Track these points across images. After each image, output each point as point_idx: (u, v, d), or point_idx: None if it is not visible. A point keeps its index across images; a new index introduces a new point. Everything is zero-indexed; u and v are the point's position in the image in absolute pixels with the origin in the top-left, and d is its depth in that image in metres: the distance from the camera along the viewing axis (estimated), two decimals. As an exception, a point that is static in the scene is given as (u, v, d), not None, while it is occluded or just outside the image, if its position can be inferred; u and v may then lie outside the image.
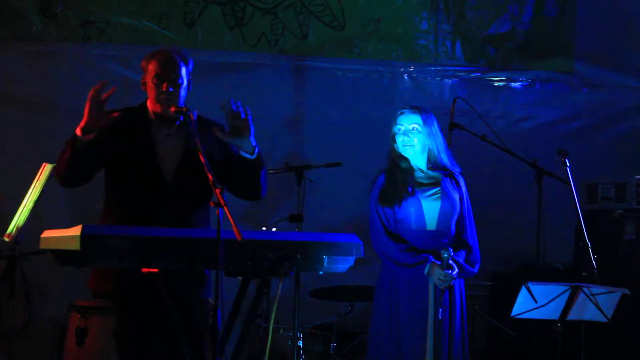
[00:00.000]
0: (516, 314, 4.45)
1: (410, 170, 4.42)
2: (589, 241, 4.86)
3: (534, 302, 4.41)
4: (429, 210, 4.34)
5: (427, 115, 4.44)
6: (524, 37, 6.91)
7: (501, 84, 6.93)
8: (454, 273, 4.22)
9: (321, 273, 3.65)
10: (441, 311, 4.22)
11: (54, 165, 3.88)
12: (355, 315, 5.46)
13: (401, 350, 4.29)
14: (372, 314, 4.43)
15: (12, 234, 4.81)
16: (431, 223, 4.34)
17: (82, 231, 3.15)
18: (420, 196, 4.35)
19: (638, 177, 6.01)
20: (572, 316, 4.51)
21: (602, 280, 4.72)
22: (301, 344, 5.30)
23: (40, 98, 6.11)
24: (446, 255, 4.17)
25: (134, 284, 3.54)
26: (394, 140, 4.45)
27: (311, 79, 6.59)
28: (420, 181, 4.41)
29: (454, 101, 5.16)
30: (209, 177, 3.30)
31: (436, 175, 4.45)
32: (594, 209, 6.14)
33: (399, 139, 4.42)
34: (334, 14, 6.57)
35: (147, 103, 3.87)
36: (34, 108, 6.09)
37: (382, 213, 4.35)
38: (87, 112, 3.55)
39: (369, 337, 4.45)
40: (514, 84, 6.96)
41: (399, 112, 4.47)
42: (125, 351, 3.76)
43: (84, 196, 5.05)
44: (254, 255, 3.40)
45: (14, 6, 6.04)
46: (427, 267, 4.25)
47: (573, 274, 5.77)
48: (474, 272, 4.40)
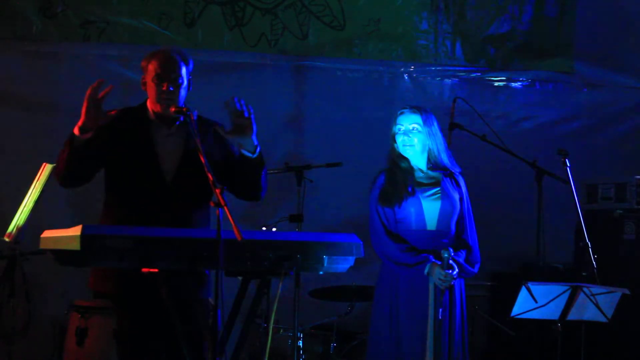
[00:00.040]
0: (516, 314, 4.45)
1: (410, 170, 4.42)
2: (589, 241, 4.86)
3: (534, 302, 4.41)
4: (429, 210, 4.34)
5: (427, 115, 4.44)
6: (524, 37, 6.91)
7: (501, 84, 6.93)
8: (454, 273, 4.23)
9: (321, 273, 3.65)
10: (441, 311, 4.22)
11: (54, 165, 3.88)
12: (355, 315, 5.45)
13: (401, 350, 4.29)
14: (372, 314, 4.43)
15: (12, 233, 4.81)
16: (431, 223, 4.34)
17: (82, 231, 3.15)
18: (420, 196, 4.35)
19: (638, 177, 6.00)
20: (572, 316, 4.51)
21: (602, 280, 4.72)
22: (301, 344, 5.29)
23: (40, 98, 6.11)
24: (446, 255, 4.17)
25: (134, 284, 3.54)
26: (394, 140, 4.45)
27: (311, 79, 6.59)
28: (420, 181, 4.41)
29: (454, 101, 5.16)
30: (209, 177, 3.30)
31: (436, 175, 4.44)
32: (594, 209, 6.14)
33: (399, 139, 4.42)
34: (334, 14, 6.57)
35: (147, 103, 3.87)
36: (34, 108, 6.08)
37: (382, 213, 4.35)
38: (84, 111, 3.56)
39: (369, 337, 4.45)
40: (514, 84, 6.95)
41: (399, 112, 4.47)
42: (125, 351, 3.76)
43: (84, 196, 5.04)
44: (254, 255, 3.40)
45: (14, 6, 6.03)
46: (427, 267, 4.25)
47: (573, 274, 5.77)
48: (474, 272, 4.40)
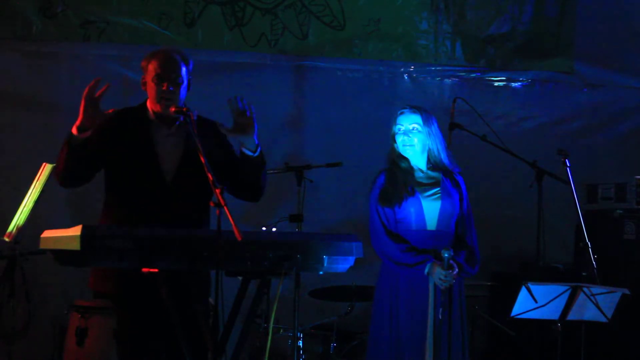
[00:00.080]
0: (516, 314, 4.45)
1: (410, 170, 4.42)
2: (589, 241, 4.86)
3: (534, 302, 4.40)
4: (429, 210, 4.34)
5: (427, 115, 4.44)
6: (524, 37, 6.90)
7: (501, 84, 6.93)
8: (455, 273, 4.22)
9: (321, 273, 3.65)
10: (441, 311, 4.21)
11: (54, 165, 3.89)
12: (355, 315, 5.45)
13: (401, 350, 4.28)
14: (372, 314, 4.43)
15: (12, 233, 4.82)
16: (431, 223, 4.34)
17: (82, 231, 3.15)
18: (420, 196, 4.34)
19: (638, 177, 6.00)
20: (572, 316, 4.51)
21: (602, 280, 4.72)
22: (301, 344, 5.29)
23: (40, 98, 6.10)
24: (447, 255, 4.17)
25: (134, 284, 3.54)
26: (394, 140, 4.45)
27: (311, 79, 6.58)
28: (420, 181, 4.41)
29: (454, 101, 5.15)
30: (209, 177, 3.30)
31: (436, 175, 4.44)
32: (594, 209, 6.13)
33: (399, 139, 4.42)
34: (334, 14, 6.56)
35: (147, 103, 3.87)
36: (34, 108, 6.08)
37: (382, 213, 4.35)
38: (82, 110, 3.56)
39: (369, 337, 4.45)
40: (514, 84, 6.95)
41: (399, 112, 4.47)
42: (125, 351, 3.76)
43: (84, 196, 5.06)
44: (254, 255, 3.40)
45: (14, 6, 6.03)
46: (427, 267, 4.25)
47: (573, 274, 5.77)
48: (474, 272, 4.39)
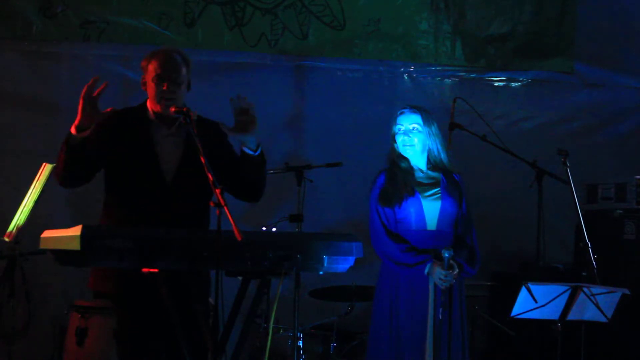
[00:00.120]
0: (516, 314, 4.45)
1: (411, 170, 4.42)
2: (589, 241, 4.86)
3: (534, 302, 4.40)
4: (429, 210, 4.34)
5: (427, 116, 4.44)
6: (524, 37, 6.90)
7: (501, 84, 6.92)
8: (455, 273, 4.22)
9: (321, 273, 3.65)
10: (441, 311, 4.21)
11: (54, 165, 3.89)
12: (355, 315, 5.45)
13: (401, 350, 4.28)
14: (372, 314, 4.43)
15: (12, 233, 4.82)
16: (431, 223, 4.34)
17: (82, 231, 3.15)
18: (420, 196, 4.35)
19: (638, 177, 6.00)
20: (572, 316, 4.51)
21: (602, 280, 4.71)
22: (301, 344, 5.29)
23: (40, 98, 6.10)
24: (447, 255, 4.17)
25: (134, 284, 3.54)
26: (394, 140, 4.45)
27: (311, 79, 6.58)
28: (421, 181, 4.41)
29: (454, 101, 5.15)
30: (209, 177, 3.30)
31: (436, 175, 4.44)
32: (594, 209, 6.13)
33: (399, 139, 4.42)
34: (334, 14, 6.56)
35: (147, 103, 3.87)
36: (34, 108, 6.08)
37: (383, 213, 4.35)
38: (80, 110, 3.56)
39: (369, 337, 4.45)
40: (514, 84, 6.95)
41: (399, 112, 4.47)
42: (125, 351, 3.76)
43: (84, 196, 5.04)
44: (254, 255, 3.40)
45: (14, 6, 6.03)
46: (427, 267, 4.25)
47: (573, 274, 5.76)
48: (474, 272, 4.40)
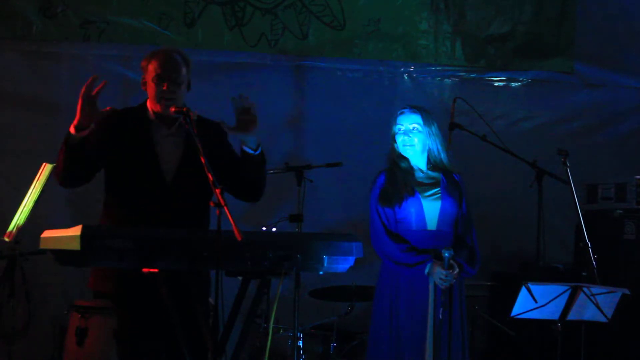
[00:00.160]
0: (516, 314, 4.45)
1: (411, 170, 4.42)
2: (589, 241, 4.86)
3: (534, 302, 4.40)
4: (429, 210, 4.34)
5: (428, 116, 4.44)
6: (524, 37, 6.90)
7: (501, 84, 6.92)
8: (455, 273, 4.22)
9: (321, 273, 3.65)
10: (441, 311, 4.21)
11: (54, 165, 3.89)
12: (355, 315, 5.45)
13: (401, 350, 4.28)
14: (373, 314, 4.43)
15: (12, 233, 4.82)
16: (431, 223, 4.34)
17: (82, 231, 3.15)
18: (420, 196, 4.34)
19: (638, 177, 6.00)
20: (572, 316, 4.51)
21: (602, 280, 4.71)
22: (301, 344, 5.29)
23: (40, 98, 6.10)
24: (447, 254, 4.17)
25: (134, 284, 3.54)
26: (394, 140, 4.45)
27: (311, 79, 6.58)
28: (421, 181, 4.41)
29: (454, 101, 5.15)
30: (209, 177, 3.30)
31: (436, 175, 4.44)
32: (594, 209, 6.13)
33: (399, 139, 4.42)
34: (334, 14, 6.56)
35: (147, 103, 3.87)
36: (34, 108, 6.08)
37: (383, 213, 4.35)
38: (79, 109, 3.57)
39: (369, 337, 4.45)
40: (514, 84, 6.95)
41: (399, 112, 4.47)
42: (125, 351, 3.76)
43: (84, 196, 5.05)
44: (254, 255, 3.40)
45: (14, 6, 6.03)
46: (427, 267, 4.25)
47: (573, 274, 5.76)
48: (474, 272, 4.40)
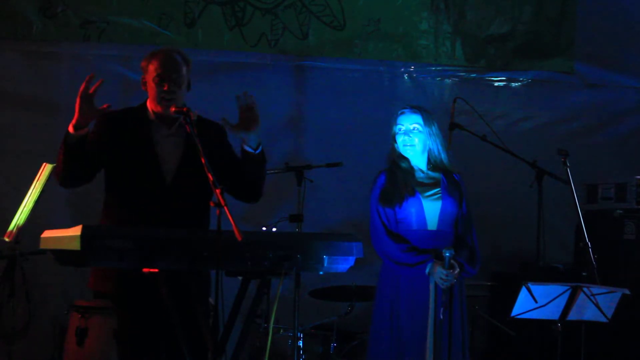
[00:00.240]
0: (516, 314, 4.45)
1: (411, 170, 4.42)
2: (589, 241, 4.86)
3: (534, 302, 4.40)
4: (429, 211, 4.34)
5: (428, 116, 4.44)
6: (524, 37, 6.90)
7: (501, 84, 6.92)
8: (456, 273, 4.22)
9: (321, 273, 3.65)
10: (442, 311, 4.21)
11: (54, 165, 3.89)
12: (355, 315, 5.45)
13: (401, 350, 4.28)
14: (373, 314, 4.43)
15: (12, 233, 4.82)
16: (432, 223, 4.34)
17: (82, 231, 3.15)
18: (420, 196, 4.34)
19: (638, 177, 6.00)
20: (572, 316, 4.51)
21: (602, 280, 4.71)
22: (301, 344, 5.29)
23: (40, 98, 6.10)
24: (448, 254, 4.17)
25: (134, 284, 3.54)
26: (394, 140, 4.45)
27: (311, 79, 6.58)
28: (421, 181, 4.41)
29: (454, 101, 5.15)
30: (209, 177, 3.30)
31: (436, 175, 4.44)
32: (594, 209, 6.13)
33: (400, 139, 4.42)
34: (334, 14, 6.56)
35: (147, 103, 3.87)
36: (34, 108, 6.08)
37: (383, 213, 4.35)
38: (77, 108, 3.57)
39: (369, 337, 4.45)
40: (514, 84, 6.95)
41: (399, 112, 4.47)
42: (125, 351, 3.76)
43: (84, 196, 5.05)
44: (254, 255, 3.40)
45: (14, 6, 6.03)
46: (428, 267, 4.25)
47: (573, 274, 5.76)
48: (475, 272, 4.40)
